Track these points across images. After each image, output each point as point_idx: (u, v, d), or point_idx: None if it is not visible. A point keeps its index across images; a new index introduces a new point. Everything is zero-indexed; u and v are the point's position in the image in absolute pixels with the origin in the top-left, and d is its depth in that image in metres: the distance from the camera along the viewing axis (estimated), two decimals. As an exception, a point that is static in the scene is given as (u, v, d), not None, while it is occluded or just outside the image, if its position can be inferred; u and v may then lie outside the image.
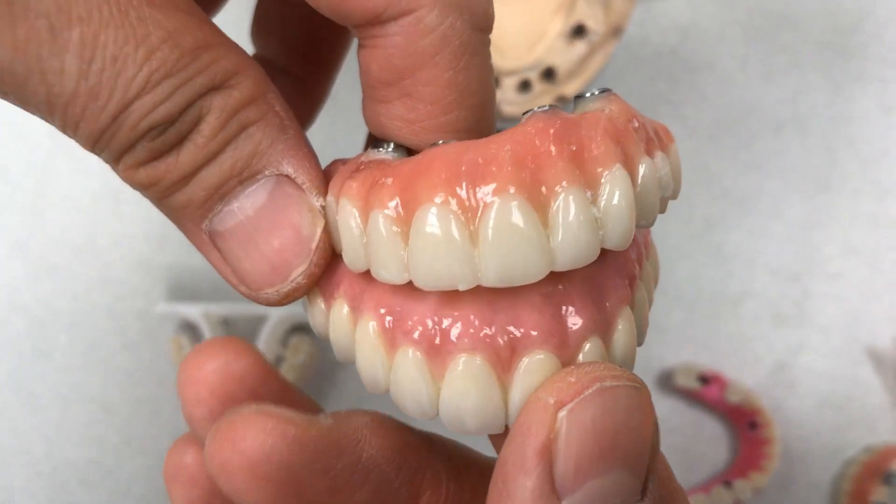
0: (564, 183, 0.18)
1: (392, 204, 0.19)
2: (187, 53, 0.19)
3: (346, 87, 0.58)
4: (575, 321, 0.19)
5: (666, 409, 0.57)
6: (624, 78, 0.60)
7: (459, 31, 0.20)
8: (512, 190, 0.18)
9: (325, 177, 0.22)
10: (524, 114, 0.19)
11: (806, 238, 0.58)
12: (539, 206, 0.18)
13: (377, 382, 0.21)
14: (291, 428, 0.19)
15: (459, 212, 0.18)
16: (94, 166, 0.58)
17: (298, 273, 0.21)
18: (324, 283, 0.22)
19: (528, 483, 0.16)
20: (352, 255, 0.21)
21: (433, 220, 0.18)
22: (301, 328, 0.55)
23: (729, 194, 0.59)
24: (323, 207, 0.22)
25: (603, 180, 0.18)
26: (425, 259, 0.19)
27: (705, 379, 0.54)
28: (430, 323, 0.19)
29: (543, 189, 0.18)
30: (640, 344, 0.21)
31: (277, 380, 0.24)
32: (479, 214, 0.18)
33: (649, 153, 0.20)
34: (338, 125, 0.59)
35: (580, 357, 0.19)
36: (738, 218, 0.59)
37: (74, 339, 0.57)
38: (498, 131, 0.20)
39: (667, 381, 0.56)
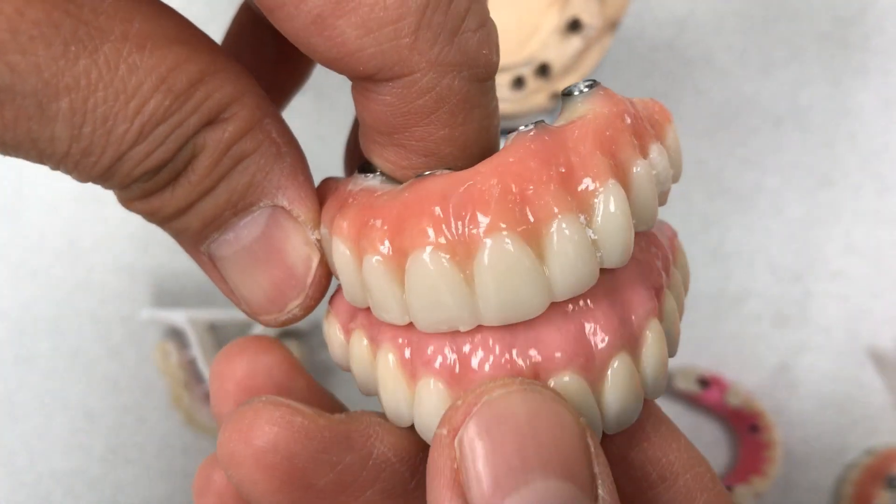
0: (556, 210, 0.17)
1: (384, 249, 0.18)
2: (181, 95, 0.18)
3: (334, 85, 0.57)
4: (600, 339, 0.18)
5: (665, 412, 0.55)
6: (619, 73, 0.58)
7: (458, 89, 0.19)
8: (503, 226, 0.17)
9: (320, 200, 0.22)
10: (509, 133, 0.19)
11: (806, 236, 0.57)
12: (532, 238, 0.18)
13: (401, 415, 0.20)
14: (298, 418, 0.19)
15: (451, 256, 0.18)
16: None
17: (294, 305, 0.22)
18: (340, 313, 0.22)
19: None
20: (352, 294, 0.21)
21: (426, 266, 0.18)
22: (290, 334, 0.54)
23: (727, 191, 0.58)
24: (319, 240, 0.22)
25: (595, 201, 0.18)
26: (423, 305, 0.18)
27: (705, 382, 0.53)
28: (448, 351, 0.19)
29: (535, 220, 0.17)
30: (672, 355, 0.21)
31: (304, 377, 0.24)
32: (472, 255, 0.18)
33: (643, 150, 0.19)
34: (324, 122, 0.57)
35: (608, 375, 0.18)
36: (737, 216, 0.57)
37: (57, 346, 0.56)
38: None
39: (666, 384, 0.55)
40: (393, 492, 0.20)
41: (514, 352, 0.18)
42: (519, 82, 0.51)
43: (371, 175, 0.21)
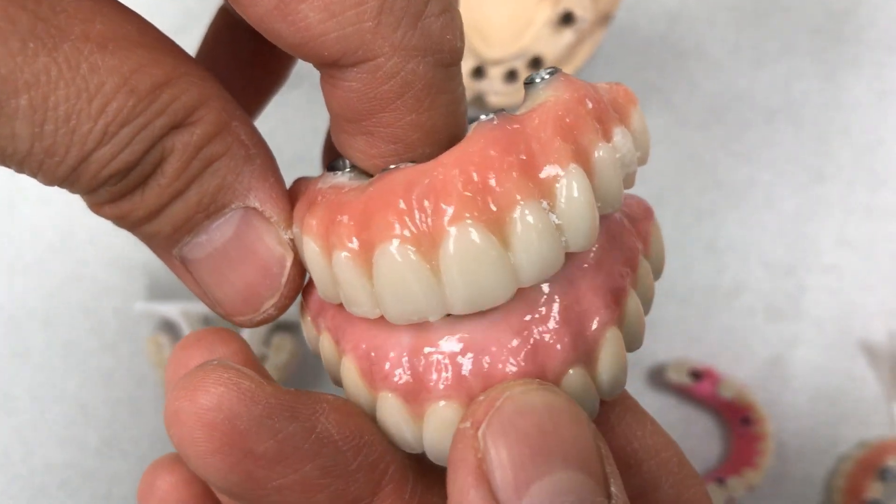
0: (518, 197, 0.18)
1: (351, 244, 0.19)
2: (144, 96, 0.18)
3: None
4: (552, 355, 0.19)
5: (657, 405, 0.56)
6: (612, 66, 0.58)
7: (422, 74, 0.19)
8: (467, 216, 0.17)
9: (292, 200, 0.22)
10: (471, 122, 0.19)
11: (799, 230, 0.57)
12: (496, 226, 0.18)
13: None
14: (246, 381, 0.19)
15: (417, 248, 0.18)
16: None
17: (269, 305, 0.22)
18: (311, 306, 0.23)
19: None
20: (324, 290, 0.21)
21: (393, 259, 0.18)
22: (283, 327, 0.54)
23: (720, 185, 0.58)
24: (292, 239, 0.22)
25: (558, 185, 0.18)
26: (392, 296, 0.18)
27: (697, 374, 0.54)
28: (405, 366, 0.19)
29: (498, 208, 0.18)
30: (636, 348, 0.21)
31: (260, 370, 0.24)
32: (437, 245, 0.18)
33: (606, 135, 0.19)
34: (319, 114, 0.57)
35: (561, 388, 0.19)
36: (730, 210, 0.57)
37: (50, 339, 0.56)
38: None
39: (658, 377, 0.55)
40: (333, 470, 0.20)
41: (468, 370, 0.19)
42: (512, 75, 0.51)
43: (339, 172, 0.21)
